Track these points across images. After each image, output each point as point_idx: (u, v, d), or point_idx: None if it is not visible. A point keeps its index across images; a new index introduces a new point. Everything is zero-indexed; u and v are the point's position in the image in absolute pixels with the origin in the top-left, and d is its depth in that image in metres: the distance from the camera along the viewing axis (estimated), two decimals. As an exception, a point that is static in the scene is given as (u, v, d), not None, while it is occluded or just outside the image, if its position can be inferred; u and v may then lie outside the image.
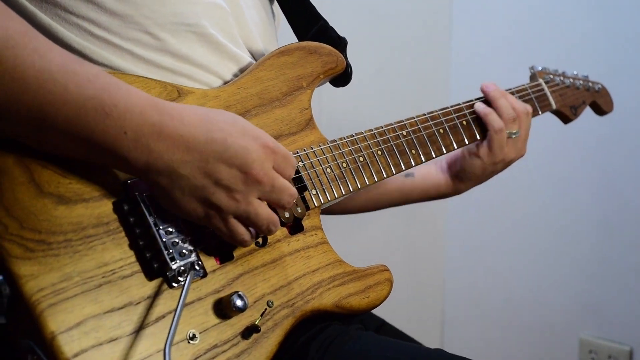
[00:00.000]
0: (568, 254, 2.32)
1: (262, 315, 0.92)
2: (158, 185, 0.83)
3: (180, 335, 0.85)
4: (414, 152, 1.21)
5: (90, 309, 0.78)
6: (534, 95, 1.47)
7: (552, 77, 1.54)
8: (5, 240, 0.76)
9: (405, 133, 1.21)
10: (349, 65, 1.17)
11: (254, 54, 1.13)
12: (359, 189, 1.12)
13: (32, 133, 0.79)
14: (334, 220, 1.36)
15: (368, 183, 1.13)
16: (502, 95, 1.37)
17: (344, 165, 1.10)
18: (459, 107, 1.32)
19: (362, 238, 2.32)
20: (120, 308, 0.81)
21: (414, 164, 1.20)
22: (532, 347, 2.42)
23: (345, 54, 1.17)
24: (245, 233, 0.90)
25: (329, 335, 1.00)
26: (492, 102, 1.36)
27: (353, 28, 1.40)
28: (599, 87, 1.64)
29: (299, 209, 1.01)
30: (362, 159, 1.13)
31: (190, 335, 0.86)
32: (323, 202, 1.06)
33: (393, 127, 1.19)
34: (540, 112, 1.48)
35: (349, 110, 2.16)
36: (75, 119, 0.77)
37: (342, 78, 1.17)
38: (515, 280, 2.46)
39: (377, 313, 1.21)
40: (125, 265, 0.83)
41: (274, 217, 0.91)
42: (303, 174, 1.04)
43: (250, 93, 1.04)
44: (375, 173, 1.14)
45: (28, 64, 0.75)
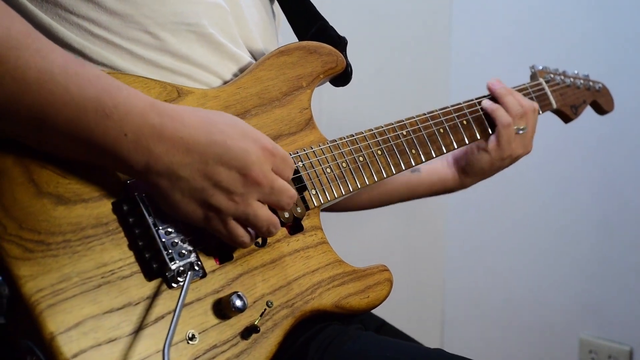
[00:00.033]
0: (568, 254, 2.32)
1: (261, 316, 0.92)
2: (157, 187, 0.83)
3: (180, 336, 0.85)
4: (414, 151, 1.21)
5: (89, 310, 0.78)
6: (535, 95, 1.47)
7: (552, 76, 1.54)
8: (4, 241, 0.76)
9: (406, 133, 1.20)
10: (349, 65, 1.16)
11: (254, 54, 1.13)
12: (359, 189, 1.11)
13: (32, 133, 0.78)
14: (334, 220, 1.36)
15: (368, 183, 1.13)
16: (508, 93, 1.39)
17: (344, 165, 1.10)
18: (460, 106, 1.33)
19: (362, 238, 2.32)
20: (120, 308, 0.81)
21: (414, 164, 1.20)
22: (532, 347, 2.42)
23: (345, 54, 1.17)
24: (245, 235, 0.90)
25: (328, 335, 1.00)
26: (499, 99, 1.37)
27: (353, 28, 1.39)
28: (600, 86, 1.64)
29: (299, 209, 1.01)
30: (362, 159, 1.13)
31: (190, 336, 0.85)
32: (323, 202, 1.06)
33: (393, 126, 1.19)
34: (541, 111, 1.48)
35: (349, 110, 2.16)
36: (76, 120, 0.77)
37: (342, 78, 1.17)
38: (515, 280, 2.45)
39: (377, 313, 1.21)
40: (125, 266, 0.83)
41: (274, 218, 0.91)
42: (303, 174, 1.04)
43: (250, 93, 1.04)
44: (375, 173, 1.14)
45: (30, 65, 0.75)
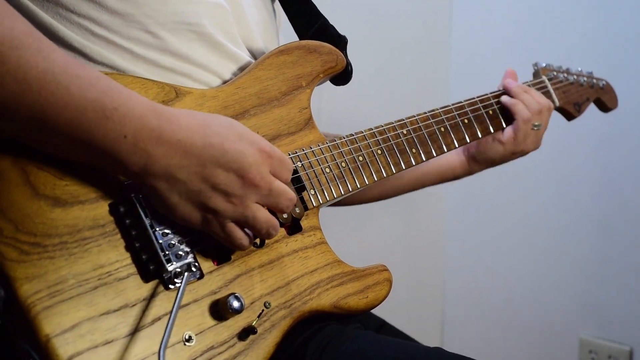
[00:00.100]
0: (568, 254, 2.32)
1: (259, 317, 0.92)
2: (155, 190, 0.83)
3: (176, 337, 0.84)
4: (415, 150, 1.20)
5: (86, 312, 0.78)
6: None
7: (555, 74, 1.54)
8: (1, 243, 0.76)
9: (406, 132, 1.20)
10: (349, 64, 1.16)
11: (254, 53, 1.12)
12: (358, 189, 1.11)
13: (32, 133, 0.78)
14: (334, 220, 1.35)
15: (367, 183, 1.12)
16: (524, 91, 1.41)
17: (343, 165, 1.10)
18: (461, 104, 1.32)
19: (361, 238, 2.32)
20: (116, 310, 0.81)
21: (415, 163, 1.19)
22: (532, 347, 2.41)
23: (346, 52, 1.17)
24: (244, 237, 0.90)
25: (327, 335, 1.00)
26: (515, 97, 1.39)
27: (353, 28, 1.39)
28: (603, 83, 1.64)
29: (297, 210, 1.01)
30: (361, 159, 1.12)
31: (187, 337, 0.85)
32: (322, 202, 1.05)
33: (393, 125, 1.19)
34: None
35: (349, 110, 2.16)
36: (76, 121, 0.77)
37: (342, 76, 1.17)
38: (515, 280, 2.45)
39: (376, 313, 1.21)
40: (121, 267, 0.83)
41: (274, 220, 0.91)
42: (302, 174, 1.04)
43: (249, 93, 1.03)
44: (375, 172, 1.13)
45: (32, 65, 0.75)
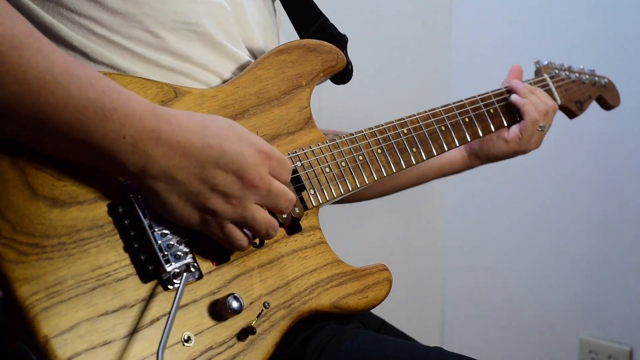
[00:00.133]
0: (568, 254, 2.32)
1: (258, 317, 0.92)
2: (154, 190, 0.83)
3: (175, 338, 0.84)
4: (415, 150, 1.20)
5: (84, 312, 0.78)
6: None
7: (557, 72, 1.54)
8: None
9: (406, 131, 1.19)
10: (350, 63, 1.16)
11: (254, 53, 1.12)
12: (358, 189, 1.11)
13: (32, 133, 0.78)
14: (333, 220, 1.35)
15: (367, 182, 1.12)
16: (531, 92, 1.41)
17: (343, 165, 1.09)
18: (461, 103, 1.31)
19: (361, 238, 2.32)
20: (115, 311, 0.80)
21: (415, 162, 1.19)
22: (532, 347, 2.41)
23: (346, 52, 1.16)
24: (243, 238, 0.89)
25: (326, 335, 1.00)
26: (524, 97, 1.39)
27: (353, 28, 1.39)
28: (606, 81, 1.63)
29: (297, 209, 1.00)
30: (361, 158, 1.12)
31: (185, 338, 0.85)
32: (321, 202, 1.05)
33: (394, 124, 1.18)
34: None
35: (349, 109, 2.15)
36: (76, 122, 0.77)
37: (342, 75, 1.16)
38: (515, 280, 2.45)
39: (376, 313, 1.21)
40: (120, 268, 0.83)
41: (273, 221, 0.91)
42: (301, 174, 1.03)
43: (249, 92, 1.03)
44: (375, 172, 1.13)
45: (32, 65, 0.75)
